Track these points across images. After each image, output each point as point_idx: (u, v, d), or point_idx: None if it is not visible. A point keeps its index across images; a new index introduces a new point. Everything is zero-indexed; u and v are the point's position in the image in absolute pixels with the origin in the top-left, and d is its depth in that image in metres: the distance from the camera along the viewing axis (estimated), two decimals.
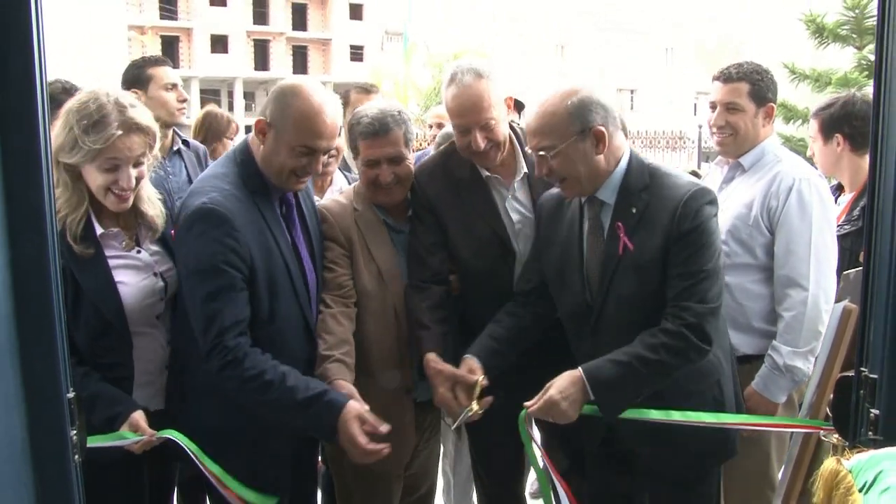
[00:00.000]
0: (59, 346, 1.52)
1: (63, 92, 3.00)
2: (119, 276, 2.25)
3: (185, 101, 3.70)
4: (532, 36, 45.09)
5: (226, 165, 2.37)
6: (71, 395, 1.55)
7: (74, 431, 1.57)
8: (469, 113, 2.51)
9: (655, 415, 2.25)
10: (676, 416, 2.25)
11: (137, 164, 2.23)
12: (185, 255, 2.24)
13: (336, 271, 2.53)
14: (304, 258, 2.42)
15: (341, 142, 3.15)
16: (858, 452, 1.57)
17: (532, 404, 2.26)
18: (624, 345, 2.23)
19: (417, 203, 2.68)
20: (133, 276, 2.28)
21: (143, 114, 2.24)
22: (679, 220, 2.18)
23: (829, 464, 1.64)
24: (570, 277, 2.39)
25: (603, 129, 2.24)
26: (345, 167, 3.60)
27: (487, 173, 2.65)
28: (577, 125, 2.23)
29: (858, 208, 3.09)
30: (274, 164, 2.30)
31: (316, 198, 2.78)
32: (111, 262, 2.25)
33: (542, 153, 2.27)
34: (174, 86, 3.64)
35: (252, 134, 2.36)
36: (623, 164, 2.32)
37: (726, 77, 2.90)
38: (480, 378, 2.40)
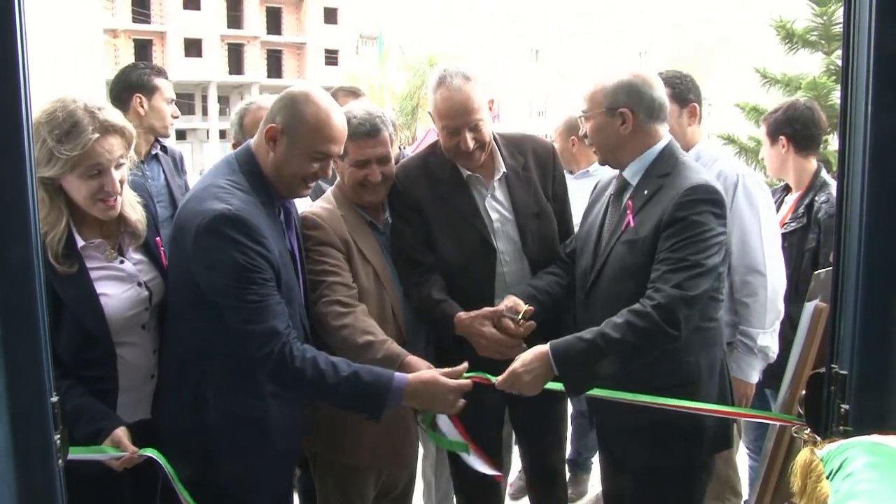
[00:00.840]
0: (42, 349, 1.52)
1: None
2: (102, 287, 2.20)
3: (177, 117, 3.71)
4: (506, 40, 45.30)
5: (231, 174, 2.29)
6: (55, 399, 1.55)
7: (58, 435, 1.57)
8: (459, 115, 2.59)
9: (624, 395, 2.30)
10: (644, 398, 2.28)
11: (118, 167, 2.19)
12: (216, 262, 2.12)
13: (342, 275, 2.52)
14: (298, 266, 2.42)
15: None
16: (831, 443, 1.64)
17: (501, 377, 2.32)
18: (612, 311, 2.30)
19: (402, 204, 2.72)
20: (116, 287, 2.24)
21: (115, 114, 2.19)
22: (674, 207, 2.27)
23: (803, 454, 1.71)
24: (587, 246, 2.58)
25: (628, 111, 2.42)
26: None
27: (468, 173, 2.73)
28: (608, 101, 2.44)
29: (803, 206, 3.34)
30: (286, 171, 2.28)
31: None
32: (93, 274, 2.20)
33: (581, 114, 2.52)
34: (173, 100, 3.65)
35: (255, 141, 2.34)
36: (655, 149, 2.46)
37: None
38: (526, 307, 2.49)
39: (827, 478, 1.58)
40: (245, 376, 2.20)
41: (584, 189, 3.41)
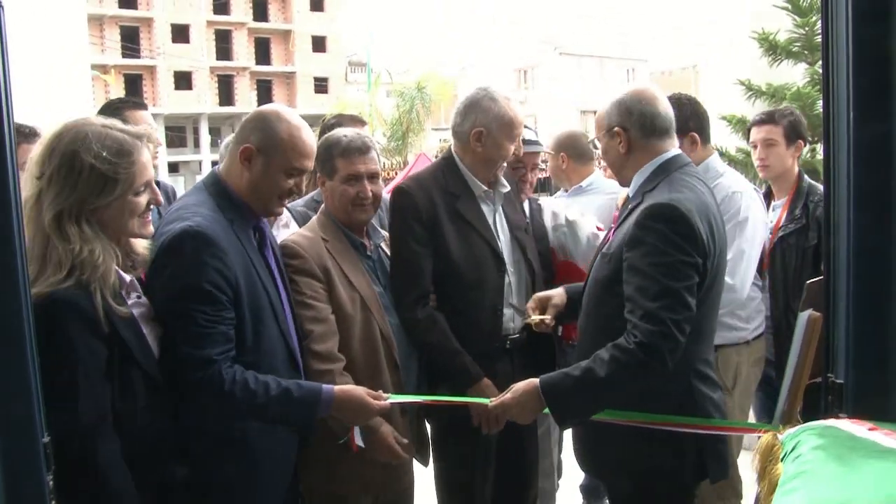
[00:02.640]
0: (33, 389, 1.51)
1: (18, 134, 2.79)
2: (144, 328, 2.05)
3: (159, 145, 3.63)
4: (494, 62, 45.61)
5: (198, 195, 2.31)
6: (46, 439, 1.54)
7: (50, 476, 1.56)
8: (522, 124, 2.89)
9: (611, 416, 2.30)
10: (637, 416, 2.28)
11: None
12: (168, 277, 2.10)
13: (316, 307, 2.51)
14: (279, 286, 2.41)
15: None
16: (793, 427, 1.66)
17: (495, 400, 2.39)
18: (587, 321, 2.44)
19: (410, 215, 2.74)
20: (149, 326, 2.08)
21: (128, 124, 2.11)
22: (635, 226, 2.25)
23: (766, 438, 1.72)
24: None
25: (620, 130, 2.44)
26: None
27: (484, 188, 2.86)
28: (606, 123, 2.49)
29: (799, 208, 3.50)
30: (264, 188, 2.31)
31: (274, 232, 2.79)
32: (135, 312, 2.03)
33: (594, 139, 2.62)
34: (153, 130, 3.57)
35: (225, 165, 2.37)
36: (652, 164, 2.43)
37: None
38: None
39: (781, 460, 1.60)
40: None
41: (580, 205, 3.45)
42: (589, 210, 3.45)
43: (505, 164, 2.93)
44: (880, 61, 1.67)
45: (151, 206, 2.07)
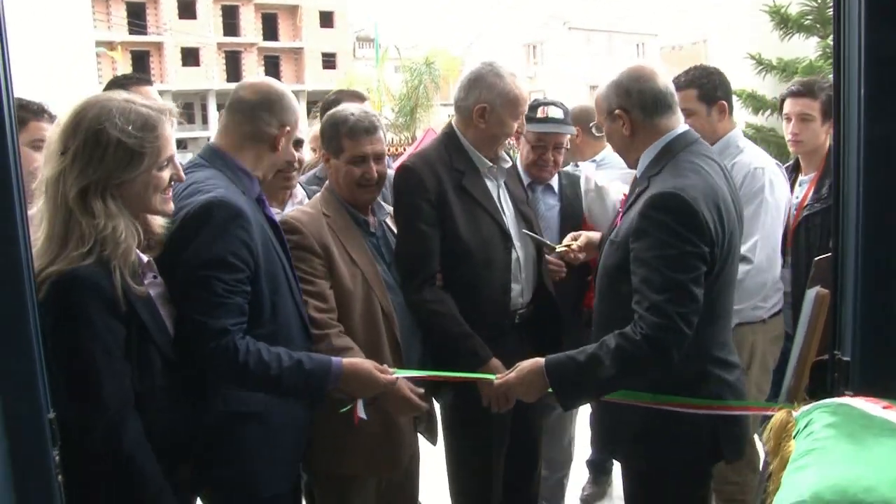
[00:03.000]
0: (38, 367, 1.52)
1: (22, 109, 2.62)
2: (162, 310, 2.05)
3: (179, 120, 3.60)
4: (503, 37, 45.27)
5: (204, 171, 2.28)
6: (51, 415, 1.55)
7: (56, 451, 1.57)
8: (527, 101, 2.87)
9: (622, 396, 2.31)
10: (645, 397, 2.29)
11: None
12: (194, 247, 2.07)
13: (316, 283, 2.50)
14: (284, 258, 2.39)
15: (303, 154, 3.20)
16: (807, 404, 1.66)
17: (500, 378, 2.42)
18: (600, 306, 2.42)
19: (417, 195, 2.70)
20: (165, 308, 2.08)
21: (149, 98, 2.13)
22: (639, 217, 2.21)
23: (779, 415, 1.72)
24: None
25: (621, 112, 2.38)
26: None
27: (490, 164, 2.84)
28: (606, 107, 2.44)
29: (826, 186, 3.29)
30: (271, 160, 2.40)
31: (276, 210, 2.76)
32: (153, 293, 2.03)
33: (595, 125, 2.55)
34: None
35: (216, 139, 2.37)
36: (657, 145, 2.38)
37: (677, 85, 3.08)
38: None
39: (794, 437, 1.61)
40: None
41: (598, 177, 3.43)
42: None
43: (511, 140, 2.92)
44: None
45: (173, 182, 2.07)
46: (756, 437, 3.10)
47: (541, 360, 2.31)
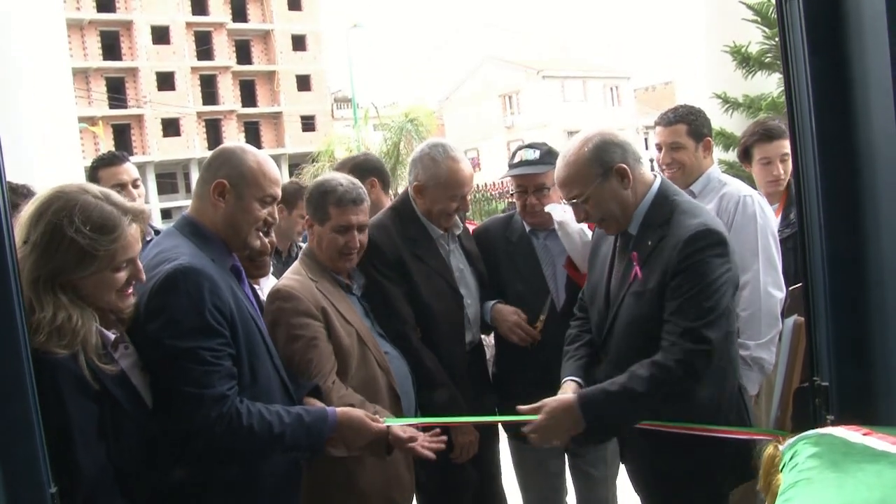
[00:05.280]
0: (38, 443, 1.54)
1: (13, 193, 2.62)
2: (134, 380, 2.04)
3: (140, 196, 3.59)
4: (479, 89, 46.02)
5: (173, 239, 2.28)
6: (53, 490, 1.57)
7: None
8: (467, 183, 3.00)
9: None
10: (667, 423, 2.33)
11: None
12: (167, 318, 2.05)
13: (320, 346, 2.55)
14: (259, 323, 2.37)
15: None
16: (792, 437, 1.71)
17: (529, 426, 2.35)
18: (623, 364, 2.33)
19: (378, 260, 2.88)
20: (140, 376, 2.07)
21: (125, 199, 2.08)
22: (679, 258, 2.26)
23: (768, 449, 1.77)
24: (598, 299, 2.58)
25: (624, 165, 2.38)
26: None
27: (440, 232, 3.04)
28: (598, 168, 2.38)
29: (794, 213, 3.34)
30: (241, 220, 2.31)
31: (255, 285, 2.80)
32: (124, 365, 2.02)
33: (574, 201, 2.44)
34: (123, 186, 3.50)
35: (195, 206, 2.37)
36: (649, 196, 2.43)
37: (666, 121, 3.30)
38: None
39: (780, 471, 1.63)
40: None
41: None
42: None
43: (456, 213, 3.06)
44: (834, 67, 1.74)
45: (133, 282, 2.04)
46: None
47: (570, 397, 2.32)
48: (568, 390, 2.45)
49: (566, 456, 3.21)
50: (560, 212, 2.96)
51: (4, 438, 1.49)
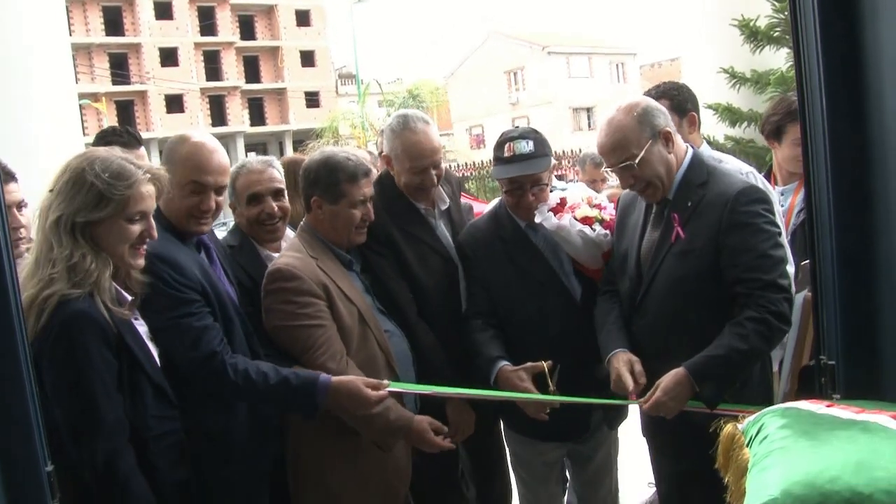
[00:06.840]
0: (34, 422, 1.53)
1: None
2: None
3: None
4: (484, 64, 45.71)
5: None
6: (49, 468, 1.56)
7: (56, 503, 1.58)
8: (428, 155, 2.84)
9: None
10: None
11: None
12: (152, 298, 2.23)
13: (326, 327, 2.52)
14: (229, 297, 2.48)
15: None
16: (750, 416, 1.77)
17: (645, 401, 2.42)
18: (661, 326, 2.50)
19: (376, 240, 2.81)
20: (150, 344, 2.21)
21: (148, 163, 2.27)
22: (729, 213, 2.37)
23: (726, 429, 1.82)
24: (628, 262, 2.65)
25: (669, 130, 2.50)
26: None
27: (424, 207, 2.96)
28: (648, 131, 2.47)
29: None
30: (172, 207, 2.42)
31: (269, 253, 2.87)
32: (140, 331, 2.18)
33: (624, 165, 2.49)
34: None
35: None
36: (686, 162, 2.54)
37: (650, 97, 3.15)
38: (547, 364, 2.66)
39: (747, 446, 1.71)
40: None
41: None
42: None
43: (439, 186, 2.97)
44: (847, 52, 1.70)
45: (146, 238, 2.16)
46: None
47: (681, 371, 2.36)
48: (622, 359, 2.53)
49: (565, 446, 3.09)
50: (550, 216, 2.82)
51: (1, 416, 1.48)
